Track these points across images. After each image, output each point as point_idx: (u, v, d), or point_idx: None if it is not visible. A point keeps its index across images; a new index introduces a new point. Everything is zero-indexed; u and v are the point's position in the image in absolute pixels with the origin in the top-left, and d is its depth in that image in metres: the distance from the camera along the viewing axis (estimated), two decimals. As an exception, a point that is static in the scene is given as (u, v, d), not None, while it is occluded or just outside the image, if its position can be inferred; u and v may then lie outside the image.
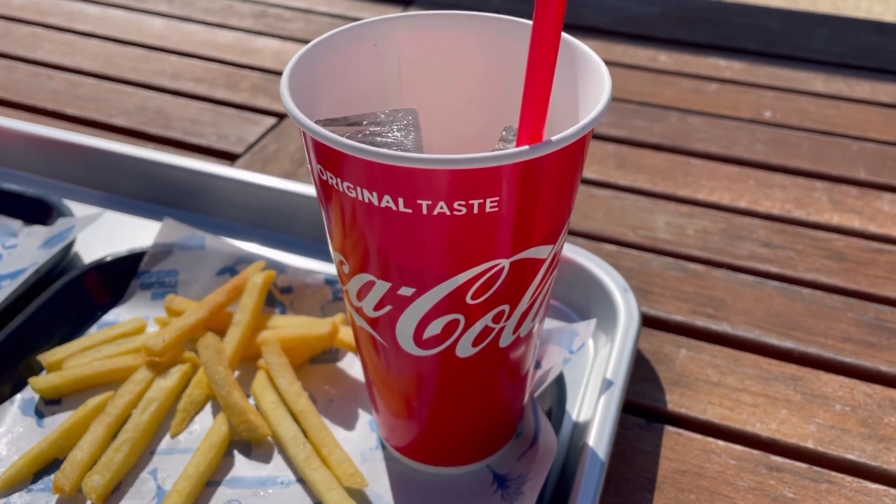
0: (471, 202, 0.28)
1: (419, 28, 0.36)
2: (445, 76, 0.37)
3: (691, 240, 0.56)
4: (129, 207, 0.57)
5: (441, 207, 0.28)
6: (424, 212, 0.28)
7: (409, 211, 0.28)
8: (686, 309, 0.50)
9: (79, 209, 0.55)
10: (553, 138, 0.28)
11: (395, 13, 0.86)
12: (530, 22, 0.31)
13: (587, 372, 0.45)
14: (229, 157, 0.64)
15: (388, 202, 0.28)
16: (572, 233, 0.56)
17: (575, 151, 0.30)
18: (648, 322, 0.49)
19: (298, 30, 0.83)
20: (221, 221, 0.56)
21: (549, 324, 0.47)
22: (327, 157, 0.29)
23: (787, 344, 0.48)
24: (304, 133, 0.30)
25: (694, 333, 0.49)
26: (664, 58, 0.79)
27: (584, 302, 0.48)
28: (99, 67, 0.75)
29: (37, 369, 0.45)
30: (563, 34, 0.33)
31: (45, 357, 0.44)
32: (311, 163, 0.31)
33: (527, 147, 0.27)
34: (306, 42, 0.80)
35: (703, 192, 0.60)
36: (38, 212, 0.54)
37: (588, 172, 0.62)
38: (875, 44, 0.81)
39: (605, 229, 0.57)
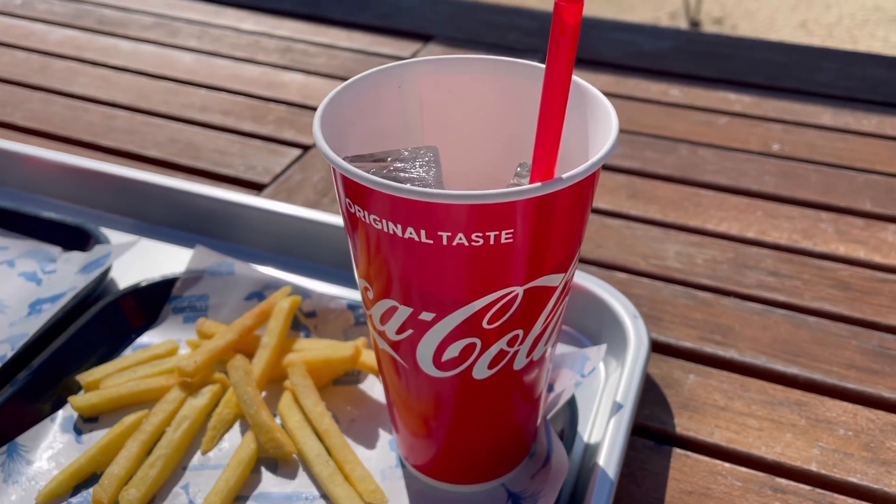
0: (487, 234, 0.30)
1: (440, 71, 0.39)
2: (464, 115, 0.40)
3: (700, 269, 0.57)
4: (161, 235, 0.60)
5: (460, 239, 0.30)
6: (444, 243, 0.31)
7: (431, 242, 0.31)
8: (695, 336, 0.52)
9: (114, 236, 0.58)
10: (563, 176, 0.30)
11: (414, 47, 0.89)
12: (542, 65, 0.34)
13: (599, 395, 0.47)
14: (256, 187, 0.67)
15: (410, 233, 0.31)
16: (585, 261, 0.58)
17: (584, 188, 0.32)
18: (658, 348, 0.51)
19: (322, 64, 0.87)
20: (249, 249, 0.59)
21: (562, 349, 0.49)
22: (355, 192, 0.32)
23: (792, 370, 0.49)
24: (333, 169, 0.32)
25: (702, 359, 0.50)
26: (675, 92, 0.81)
27: (596, 328, 0.50)
28: (132, 101, 0.79)
29: (76, 389, 0.47)
30: (575, 77, 0.36)
31: (84, 377, 0.47)
32: (339, 196, 0.34)
33: (539, 184, 0.30)
34: (330, 76, 0.84)
35: (713, 223, 0.62)
36: (76, 239, 0.57)
37: (600, 203, 0.65)
38: (883, 78, 0.83)
39: (616, 258, 0.59)
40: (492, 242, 0.31)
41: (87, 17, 0.97)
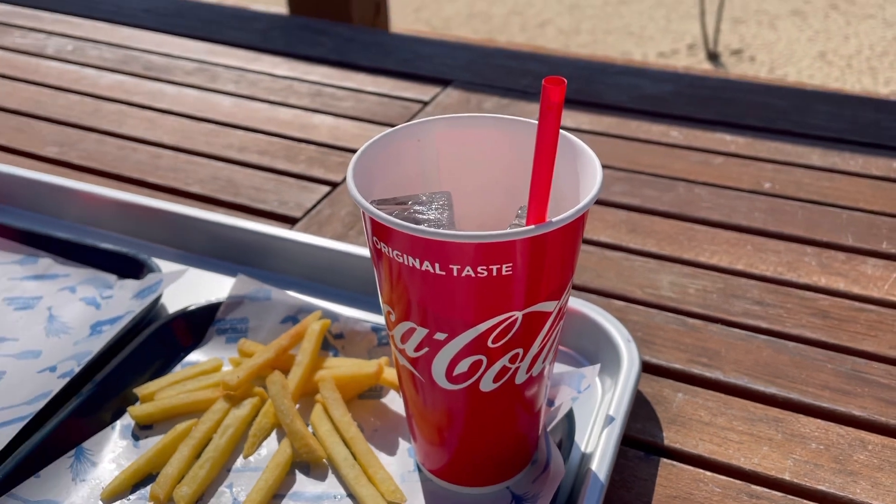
0: (491, 267, 0.36)
1: (453, 128, 0.45)
2: (474, 165, 0.46)
3: (692, 298, 0.63)
4: (205, 264, 0.67)
5: (468, 271, 0.37)
6: (455, 274, 0.37)
7: (443, 273, 0.37)
8: (684, 358, 0.57)
9: (164, 266, 0.65)
10: (554, 219, 0.36)
11: (434, 91, 0.96)
12: (536, 122, 0.40)
13: (595, 410, 0.52)
14: (290, 221, 0.73)
15: (427, 266, 0.37)
16: (586, 290, 0.64)
17: (572, 229, 0.38)
18: (651, 369, 0.57)
19: (349, 107, 0.94)
20: (284, 277, 0.65)
21: (561, 368, 0.54)
22: (381, 232, 0.38)
23: (771, 390, 0.54)
24: (363, 212, 0.39)
25: (690, 380, 0.56)
26: (675, 133, 0.87)
27: (593, 350, 0.56)
28: (176, 141, 0.87)
29: (133, 400, 0.54)
30: (567, 134, 0.42)
31: (140, 390, 0.53)
32: (367, 234, 0.40)
33: (533, 226, 0.36)
34: (357, 118, 0.91)
35: (705, 256, 0.68)
36: (130, 267, 0.64)
37: (602, 236, 0.71)
38: (872, 120, 0.89)
39: (615, 287, 0.64)
40: (494, 274, 0.37)
41: (135, 63, 1.05)
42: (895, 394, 0.54)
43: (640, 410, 0.53)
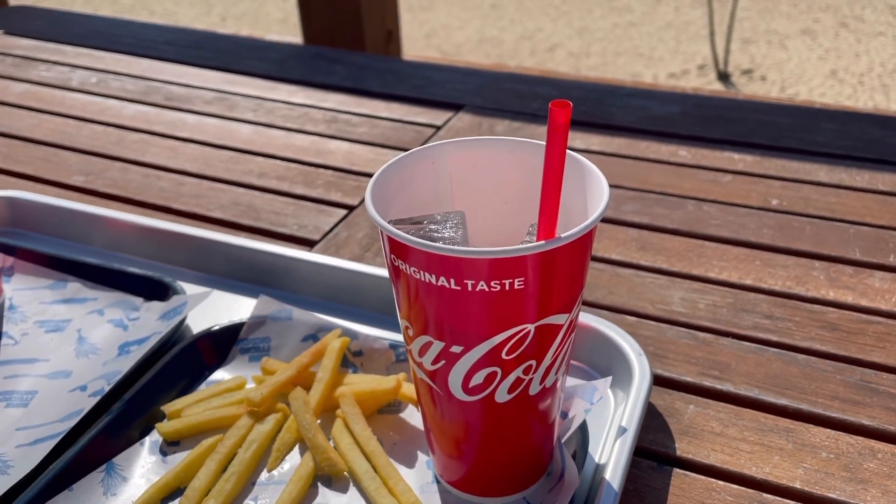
0: (503, 281, 0.38)
1: (465, 150, 0.47)
2: (486, 185, 0.48)
3: (702, 312, 0.64)
4: (228, 286, 0.69)
5: (482, 286, 0.38)
6: (469, 289, 0.39)
7: (458, 288, 0.39)
8: (695, 371, 0.58)
9: (188, 289, 0.67)
10: (563, 235, 0.38)
11: (446, 115, 0.99)
12: (544, 143, 0.42)
13: (609, 422, 0.54)
14: (308, 244, 0.76)
15: (442, 282, 0.39)
16: (599, 306, 0.66)
17: (581, 244, 0.40)
18: (663, 382, 0.58)
19: (364, 133, 0.97)
20: (304, 297, 0.67)
21: (574, 381, 0.56)
22: (398, 250, 0.40)
23: (782, 401, 0.56)
24: (381, 231, 0.41)
25: (701, 392, 0.57)
26: (684, 152, 0.89)
27: (606, 364, 0.57)
28: (198, 168, 0.89)
29: (160, 417, 0.56)
30: (575, 154, 0.44)
31: (167, 407, 0.55)
32: (385, 252, 0.42)
33: (543, 242, 0.38)
34: (371, 144, 0.93)
35: (715, 271, 0.69)
36: (156, 290, 0.66)
37: (613, 254, 0.72)
38: (877, 136, 0.90)
39: (627, 303, 0.66)
40: (507, 288, 0.38)
41: (156, 94, 1.09)
42: (904, 403, 0.55)
43: (653, 422, 0.54)
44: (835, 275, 0.68)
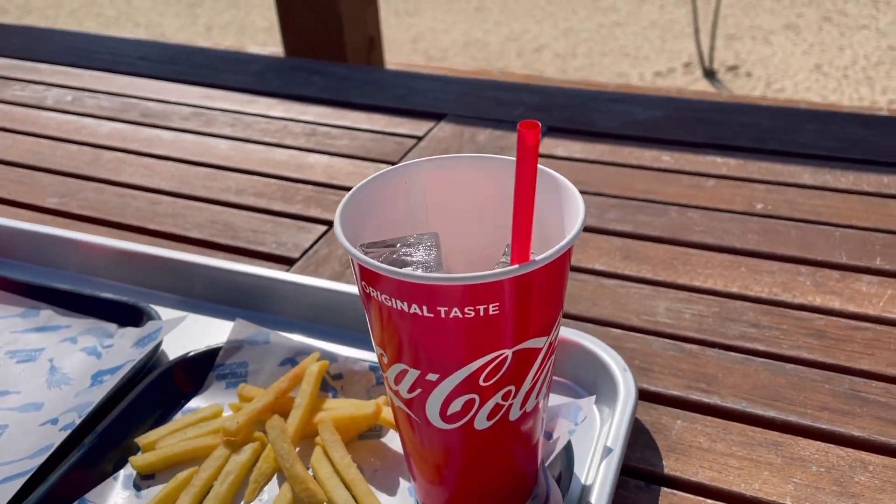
0: (478, 307, 0.37)
1: (439, 169, 0.46)
2: (461, 204, 0.47)
3: (688, 323, 0.63)
4: (205, 309, 0.68)
5: (455, 312, 0.37)
6: (443, 316, 0.37)
7: (432, 315, 0.37)
8: (682, 384, 0.57)
9: (164, 313, 0.66)
10: (537, 258, 0.37)
11: (428, 125, 0.97)
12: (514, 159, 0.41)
13: (594, 442, 0.52)
14: (288, 262, 0.74)
15: (415, 309, 0.38)
16: (583, 319, 0.64)
17: (557, 266, 0.39)
18: (649, 397, 0.57)
19: (344, 146, 0.95)
20: (282, 318, 0.66)
21: (558, 399, 0.55)
22: (368, 277, 0.39)
23: (770, 413, 0.54)
24: (351, 259, 0.40)
25: (688, 406, 0.56)
26: (667, 157, 0.88)
27: (591, 380, 0.56)
28: (175, 187, 0.88)
29: (134, 450, 0.54)
30: (549, 171, 0.43)
31: (141, 439, 0.54)
32: (356, 279, 0.41)
33: (517, 266, 0.36)
34: (351, 157, 0.92)
35: (700, 280, 0.68)
36: (130, 316, 0.65)
37: (597, 264, 0.71)
38: (861, 136, 0.89)
39: (612, 315, 0.65)
40: (482, 314, 0.37)
41: (132, 111, 1.07)
42: (894, 412, 0.54)
43: (639, 439, 0.53)
44: (821, 280, 0.67)
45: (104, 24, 4.06)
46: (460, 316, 0.37)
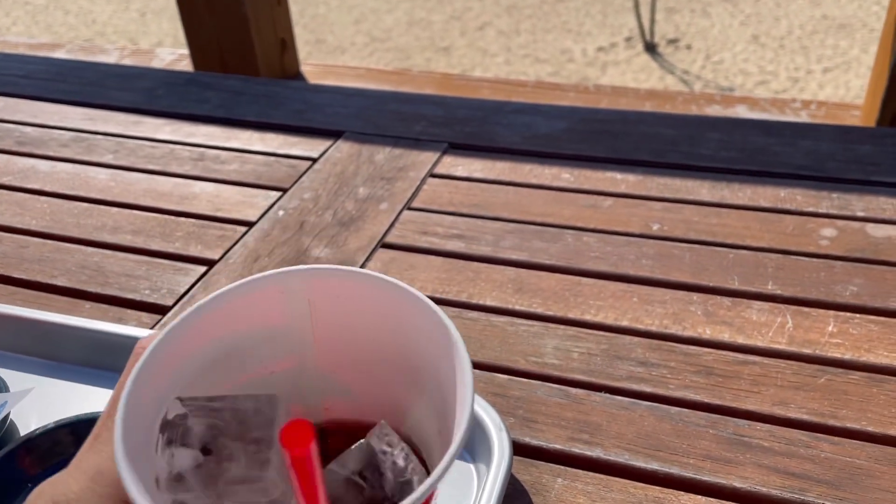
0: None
1: (243, 294, 0.35)
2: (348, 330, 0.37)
3: (576, 363, 0.61)
4: (65, 373, 0.63)
5: None
6: None
7: None
8: (565, 436, 0.55)
9: (16, 378, 0.60)
10: None
11: (325, 144, 0.92)
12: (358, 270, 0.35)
13: (468, 509, 0.50)
14: (160, 311, 0.69)
15: None
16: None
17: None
18: (531, 452, 0.54)
19: (233, 171, 0.90)
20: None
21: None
22: None
23: (652, 465, 0.52)
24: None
25: (570, 461, 0.53)
26: (566, 175, 0.85)
27: (470, 439, 0.53)
28: (45, 226, 0.82)
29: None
30: (427, 301, 0.34)
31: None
32: None
33: None
34: (239, 184, 0.87)
35: (591, 313, 0.66)
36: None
37: (488, 299, 0.68)
38: (761, 145, 0.88)
39: (499, 358, 0.62)
40: None
41: (7, 138, 1.00)
42: (777, 459, 0.52)
43: (517, 502, 0.51)
44: (712, 308, 0.65)
45: (32, 13, 3.87)
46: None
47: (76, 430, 0.55)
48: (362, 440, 0.34)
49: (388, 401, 0.37)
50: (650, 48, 3.11)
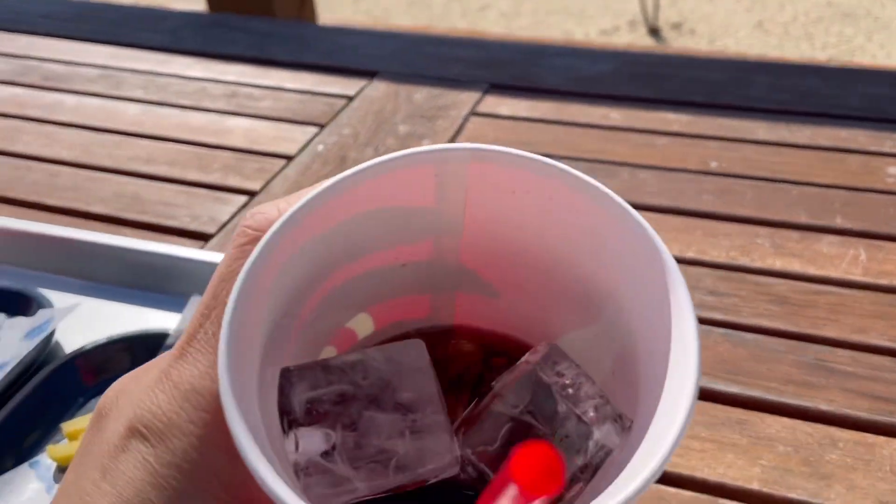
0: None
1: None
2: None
3: (642, 292, 0.58)
4: (106, 293, 0.60)
5: None
6: None
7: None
8: (638, 360, 0.53)
9: (59, 298, 0.58)
10: None
11: (360, 84, 0.89)
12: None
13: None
14: (203, 238, 0.67)
15: None
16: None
17: None
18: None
19: (267, 108, 0.87)
20: (198, 299, 0.59)
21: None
22: None
23: (732, 389, 0.50)
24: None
25: (646, 384, 0.51)
26: (616, 115, 0.83)
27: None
28: (77, 157, 0.79)
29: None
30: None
31: (67, 426, 0.47)
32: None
33: None
34: (275, 119, 0.84)
35: (654, 245, 0.63)
36: (19, 304, 0.57)
37: (545, 231, 0.66)
38: (813, 88, 0.86)
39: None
40: None
41: (32, 74, 0.97)
42: (862, 383, 0.50)
43: (594, 423, 0.48)
44: (780, 241, 0.63)
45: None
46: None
47: (131, 346, 0.52)
48: (523, 366, 0.26)
49: (540, 313, 0.29)
50: (653, 32, 3.07)
